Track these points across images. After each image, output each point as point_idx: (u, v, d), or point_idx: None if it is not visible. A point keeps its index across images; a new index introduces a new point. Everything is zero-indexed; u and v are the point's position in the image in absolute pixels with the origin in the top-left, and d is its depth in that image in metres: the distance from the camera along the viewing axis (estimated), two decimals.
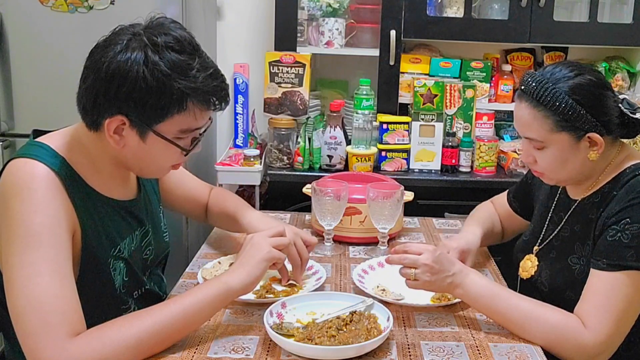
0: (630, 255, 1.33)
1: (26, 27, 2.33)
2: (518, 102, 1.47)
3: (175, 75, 1.23)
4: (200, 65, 1.27)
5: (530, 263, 1.59)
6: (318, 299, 1.42)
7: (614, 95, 1.46)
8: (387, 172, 2.57)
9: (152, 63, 1.22)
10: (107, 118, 1.26)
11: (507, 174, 2.64)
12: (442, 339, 1.32)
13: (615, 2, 2.83)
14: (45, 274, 1.16)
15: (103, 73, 1.23)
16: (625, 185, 1.41)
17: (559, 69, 1.43)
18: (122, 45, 1.24)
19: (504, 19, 2.68)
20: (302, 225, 1.99)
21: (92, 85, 1.26)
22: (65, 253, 1.21)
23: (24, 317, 1.15)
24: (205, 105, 1.29)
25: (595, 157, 1.44)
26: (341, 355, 1.22)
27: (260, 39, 2.99)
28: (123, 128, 1.27)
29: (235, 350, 1.25)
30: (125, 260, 1.40)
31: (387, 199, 1.69)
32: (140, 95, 1.23)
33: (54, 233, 1.20)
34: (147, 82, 1.22)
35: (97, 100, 1.25)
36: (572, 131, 1.41)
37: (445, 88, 2.63)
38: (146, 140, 1.29)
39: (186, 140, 1.33)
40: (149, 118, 1.26)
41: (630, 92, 2.79)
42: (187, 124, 1.29)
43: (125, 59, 1.22)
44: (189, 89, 1.24)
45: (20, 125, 2.40)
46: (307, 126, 2.56)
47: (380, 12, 2.66)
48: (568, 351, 1.32)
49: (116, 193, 1.40)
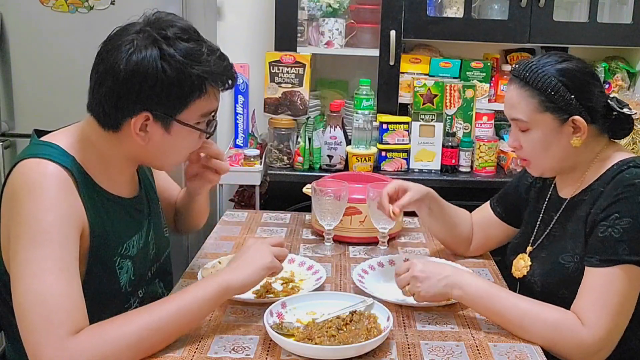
0: (622, 249, 1.34)
1: (26, 27, 2.33)
2: (508, 86, 1.53)
3: (191, 62, 1.28)
4: (208, 49, 1.32)
5: (523, 262, 1.59)
6: (318, 299, 1.42)
7: (601, 87, 1.49)
8: (387, 172, 2.58)
9: (169, 55, 1.26)
10: (131, 117, 1.29)
11: (506, 174, 2.64)
12: (442, 338, 1.33)
13: (615, 3, 2.83)
14: (52, 272, 1.17)
15: (122, 74, 1.25)
16: (612, 181, 1.42)
17: (549, 55, 1.49)
18: (132, 44, 1.26)
19: (504, 19, 2.68)
20: (302, 225, 1.99)
21: (111, 89, 1.27)
22: (72, 252, 1.22)
23: (27, 314, 1.15)
24: (221, 85, 1.36)
25: (579, 144, 1.46)
26: (341, 355, 1.22)
27: (260, 39, 2.99)
28: (147, 124, 1.30)
29: (235, 350, 1.25)
30: (132, 259, 1.41)
31: None
32: (162, 89, 1.27)
33: (64, 232, 1.21)
34: (167, 74, 1.26)
35: (119, 103, 1.28)
36: (556, 113, 1.44)
37: (445, 88, 2.63)
38: (170, 131, 1.33)
39: (203, 124, 1.39)
40: (172, 109, 1.31)
41: (630, 92, 2.78)
42: (207, 107, 1.35)
43: (142, 57, 1.25)
44: (206, 73, 1.30)
45: (21, 125, 2.40)
46: (307, 126, 2.56)
47: (380, 12, 2.66)
48: (567, 349, 1.33)
49: (123, 191, 1.42)
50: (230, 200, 2.93)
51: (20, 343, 1.17)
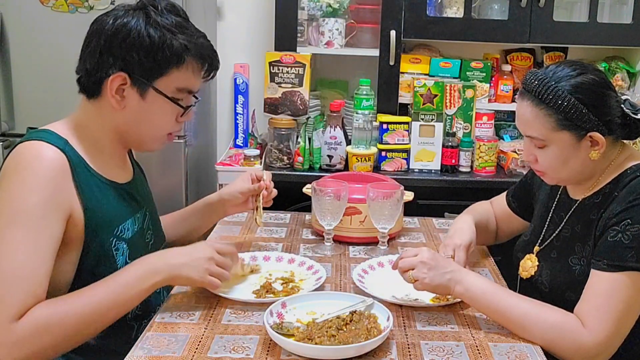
0: (630, 256, 1.33)
1: (26, 27, 2.33)
2: (520, 101, 1.47)
3: (175, 30, 1.34)
4: (194, 29, 1.39)
5: (530, 263, 1.59)
6: (318, 299, 1.42)
7: (616, 95, 1.46)
8: (387, 172, 2.57)
9: (154, 22, 1.33)
10: (109, 76, 1.33)
11: (506, 174, 2.64)
12: (442, 338, 1.33)
13: (615, 2, 2.83)
14: (19, 253, 1.20)
15: (106, 32, 1.33)
16: (626, 186, 1.41)
17: (562, 67, 1.43)
18: (122, 11, 1.35)
19: (504, 19, 2.68)
20: (302, 225, 1.99)
21: (95, 46, 1.34)
22: (51, 237, 1.25)
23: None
24: (201, 62, 1.39)
25: (597, 157, 1.44)
26: (341, 355, 1.22)
27: (260, 39, 2.99)
28: (124, 88, 1.34)
29: (235, 350, 1.25)
30: (127, 242, 1.43)
31: (387, 199, 1.69)
32: (142, 48, 1.32)
33: (45, 215, 1.24)
34: (150, 35, 1.32)
35: (101, 58, 1.33)
36: (573, 130, 1.41)
37: (445, 88, 2.63)
38: (146, 98, 1.36)
39: (182, 102, 1.42)
40: (149, 73, 1.35)
41: (630, 92, 2.78)
42: (184, 81, 1.39)
43: (128, 21, 1.33)
44: (189, 43, 1.35)
45: (21, 125, 2.40)
46: (307, 126, 2.56)
47: (380, 12, 2.66)
48: (567, 351, 1.32)
49: (116, 176, 1.45)
50: None
51: None
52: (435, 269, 1.39)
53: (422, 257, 1.40)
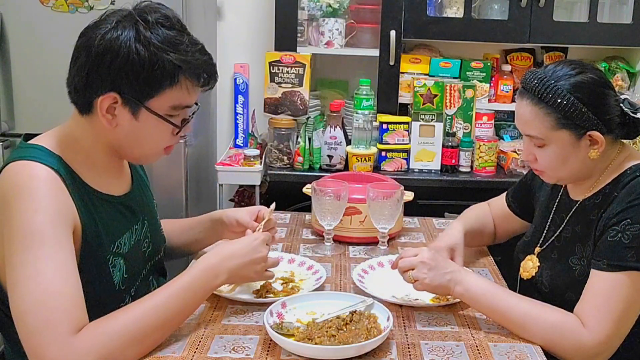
0: (630, 256, 1.33)
1: (26, 27, 2.33)
2: (519, 100, 1.47)
3: (167, 48, 1.26)
4: (189, 41, 1.30)
5: (531, 263, 1.59)
6: (318, 299, 1.42)
7: (616, 94, 1.46)
8: (387, 172, 2.57)
9: (144, 37, 1.25)
10: (99, 96, 1.27)
11: (506, 174, 2.64)
12: (442, 338, 1.33)
13: (615, 2, 2.83)
14: (47, 272, 1.17)
15: (94, 50, 1.25)
16: (626, 186, 1.41)
17: (561, 67, 1.44)
18: (112, 24, 1.26)
19: (504, 19, 2.68)
20: (302, 225, 1.99)
21: (84, 64, 1.27)
22: (67, 250, 1.22)
23: (26, 317, 1.15)
24: (196, 79, 1.32)
25: (596, 156, 1.44)
26: (341, 355, 1.22)
27: (260, 39, 2.99)
28: (115, 107, 1.28)
29: (235, 350, 1.25)
30: (125, 257, 1.40)
31: (387, 199, 1.69)
32: (132, 69, 1.24)
33: (55, 231, 1.21)
34: (140, 55, 1.24)
35: (89, 78, 1.26)
36: (573, 129, 1.41)
37: (445, 88, 2.63)
38: (138, 118, 1.30)
39: (177, 119, 1.35)
40: (141, 93, 1.27)
41: (630, 92, 2.78)
42: (179, 99, 1.31)
43: (117, 35, 1.25)
44: (181, 62, 1.27)
45: (21, 126, 2.40)
46: (307, 126, 2.56)
47: (380, 12, 2.66)
48: (567, 350, 1.32)
49: (112, 188, 1.41)
50: (230, 200, 2.93)
51: (20, 346, 1.17)
52: (435, 269, 1.39)
53: (422, 257, 1.40)
